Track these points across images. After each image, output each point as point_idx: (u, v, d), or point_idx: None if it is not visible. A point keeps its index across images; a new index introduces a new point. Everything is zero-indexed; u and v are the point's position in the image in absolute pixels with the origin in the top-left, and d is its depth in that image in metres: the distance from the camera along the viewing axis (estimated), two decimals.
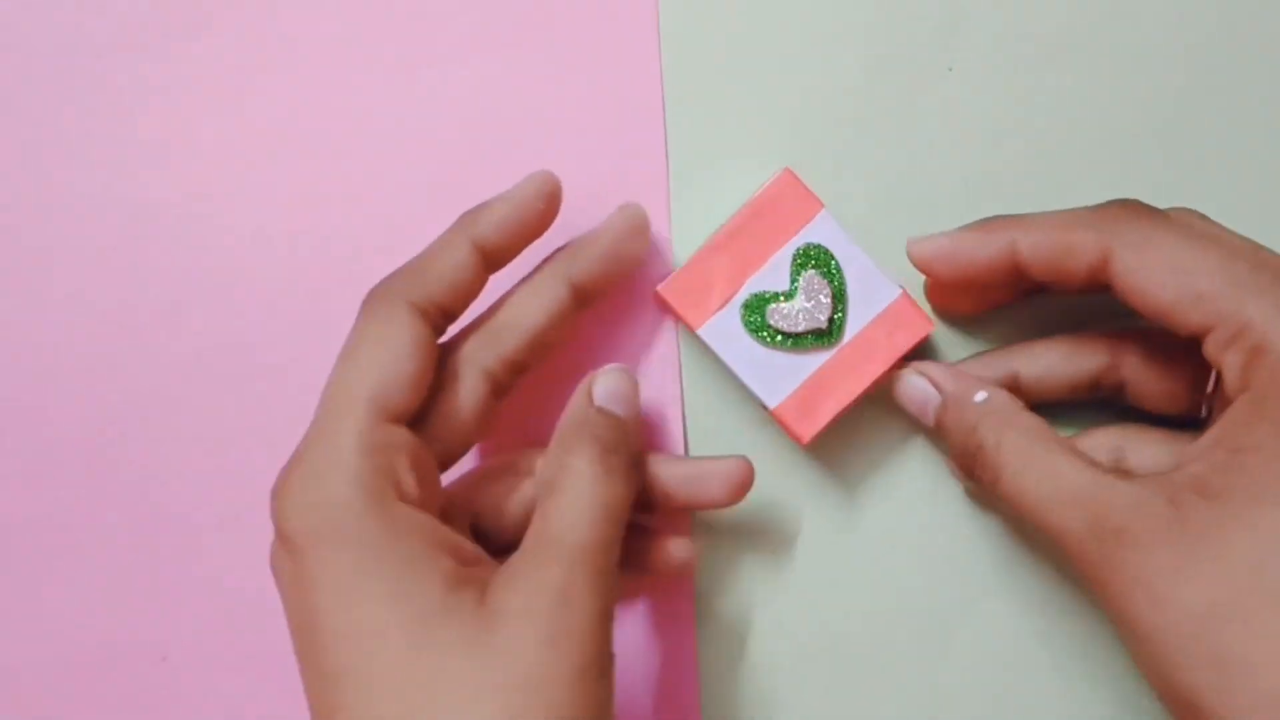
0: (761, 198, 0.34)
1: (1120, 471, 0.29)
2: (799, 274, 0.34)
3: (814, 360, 0.34)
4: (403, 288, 0.30)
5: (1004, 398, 0.32)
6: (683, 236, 0.36)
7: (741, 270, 0.34)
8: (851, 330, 0.34)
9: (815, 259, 0.34)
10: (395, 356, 0.29)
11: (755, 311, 0.34)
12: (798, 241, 0.34)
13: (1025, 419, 0.31)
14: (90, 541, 0.37)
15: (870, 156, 0.36)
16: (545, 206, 0.31)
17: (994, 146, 0.36)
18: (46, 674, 0.37)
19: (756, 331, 0.34)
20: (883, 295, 0.34)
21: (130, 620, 0.37)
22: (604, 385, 0.32)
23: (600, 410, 0.31)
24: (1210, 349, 0.29)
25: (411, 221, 0.34)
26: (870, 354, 0.34)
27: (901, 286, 0.34)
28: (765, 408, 0.34)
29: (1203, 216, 0.31)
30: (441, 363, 0.31)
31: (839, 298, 0.34)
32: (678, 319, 0.35)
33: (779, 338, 0.34)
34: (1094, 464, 0.29)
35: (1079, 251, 0.30)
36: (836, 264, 0.34)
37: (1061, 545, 0.29)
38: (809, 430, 0.34)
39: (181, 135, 0.36)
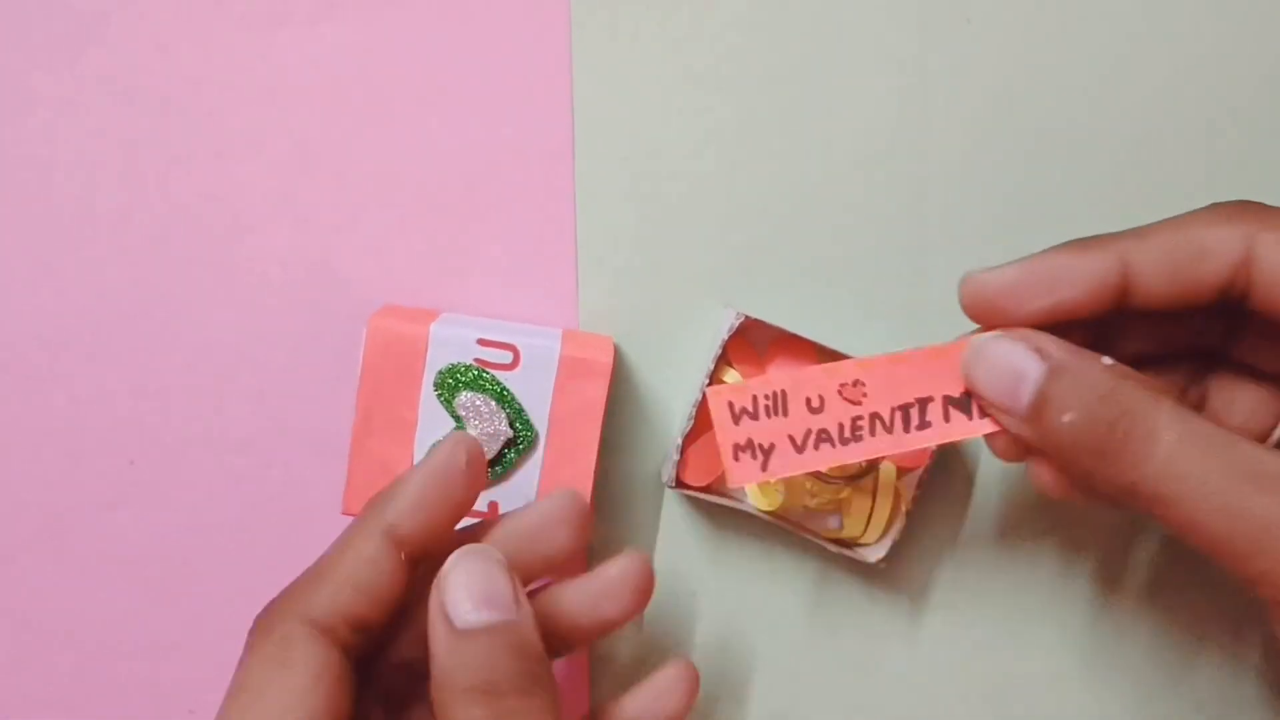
0: (368, 360, 0.29)
1: None
2: (452, 404, 0.29)
3: (533, 467, 0.29)
4: (298, 604, 0.24)
5: (1130, 373, 0.24)
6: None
7: (403, 438, 0.29)
8: (542, 413, 0.29)
9: (456, 377, 0.29)
10: (287, 707, 0.23)
11: None
12: (429, 375, 0.29)
13: (1177, 405, 0.23)
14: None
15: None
16: (467, 477, 0.26)
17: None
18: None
19: None
20: (549, 349, 0.29)
21: None
22: (459, 591, 0.23)
23: (467, 642, 0.23)
24: None
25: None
26: (579, 422, 0.29)
27: (559, 329, 0.29)
28: None
29: None
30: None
31: (502, 398, 0.29)
32: None
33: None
34: None
35: (1215, 253, 0.24)
36: (474, 369, 0.29)
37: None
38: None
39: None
